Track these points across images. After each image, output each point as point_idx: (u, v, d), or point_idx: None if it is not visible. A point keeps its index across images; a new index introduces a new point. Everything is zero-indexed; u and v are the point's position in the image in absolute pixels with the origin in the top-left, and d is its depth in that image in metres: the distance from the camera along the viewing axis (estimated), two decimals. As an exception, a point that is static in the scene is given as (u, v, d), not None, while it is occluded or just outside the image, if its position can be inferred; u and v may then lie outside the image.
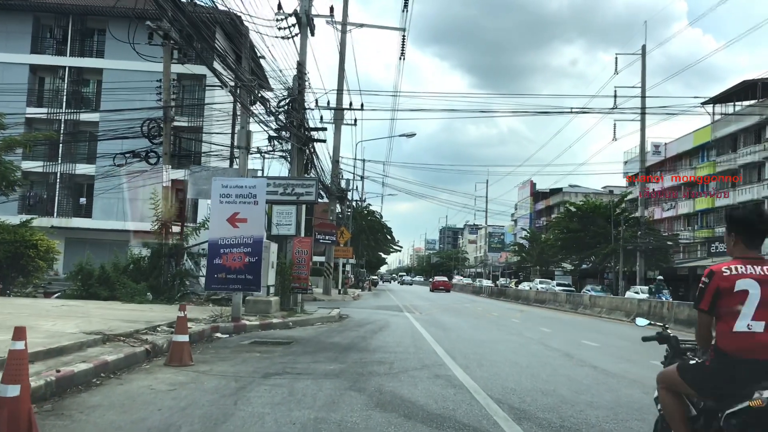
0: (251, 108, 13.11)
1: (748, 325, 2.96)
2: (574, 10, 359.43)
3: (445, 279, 65.96)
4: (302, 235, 16.14)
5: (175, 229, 18.48)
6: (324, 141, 18.76)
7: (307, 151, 17.30)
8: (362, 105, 29.13)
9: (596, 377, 7.95)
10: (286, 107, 15.79)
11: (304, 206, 16.23)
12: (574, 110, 21.94)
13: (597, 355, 10.68)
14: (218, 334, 11.64)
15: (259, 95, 13.44)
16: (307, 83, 17.50)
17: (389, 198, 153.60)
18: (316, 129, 17.69)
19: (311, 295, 27.91)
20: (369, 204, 58.54)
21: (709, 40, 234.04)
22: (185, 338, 7.82)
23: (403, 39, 29.97)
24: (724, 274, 3.04)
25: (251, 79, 12.08)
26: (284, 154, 17.15)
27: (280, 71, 16.45)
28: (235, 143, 13.21)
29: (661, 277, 33.60)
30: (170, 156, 18.61)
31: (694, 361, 3.34)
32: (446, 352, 9.81)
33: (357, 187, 52.47)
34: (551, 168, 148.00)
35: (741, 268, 3.04)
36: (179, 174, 23.22)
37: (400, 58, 30.80)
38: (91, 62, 34.32)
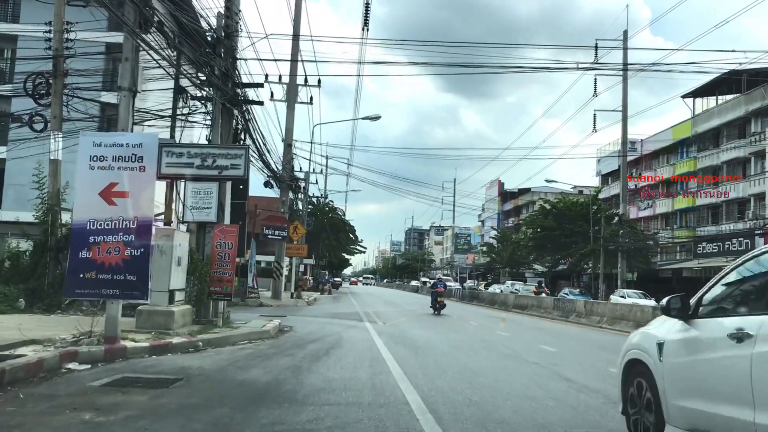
0: (141, 33, 9.00)
1: None
2: (544, 14, 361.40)
3: (359, 279, 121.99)
4: (226, 222, 12.06)
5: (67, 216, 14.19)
6: (261, 103, 14.73)
7: (237, 114, 13.13)
8: (319, 81, 25.36)
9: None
10: (206, 50, 11.71)
11: (229, 184, 12.13)
12: (580, 66, 18.52)
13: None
14: (72, 365, 7.58)
15: (156, 19, 9.36)
16: (240, 27, 13.45)
17: (354, 197, 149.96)
18: (251, 85, 13.48)
19: (257, 299, 23.77)
20: (331, 201, 54.22)
21: (670, 47, 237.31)
22: None
23: (367, 6, 26.19)
24: None
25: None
26: (206, 119, 13.04)
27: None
28: (118, 83, 9.10)
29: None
30: (62, 120, 14.32)
31: None
32: (424, 401, 5.96)
33: (317, 180, 48.44)
34: (522, 164, 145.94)
35: None
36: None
37: (363, 29, 26.91)
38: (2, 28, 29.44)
